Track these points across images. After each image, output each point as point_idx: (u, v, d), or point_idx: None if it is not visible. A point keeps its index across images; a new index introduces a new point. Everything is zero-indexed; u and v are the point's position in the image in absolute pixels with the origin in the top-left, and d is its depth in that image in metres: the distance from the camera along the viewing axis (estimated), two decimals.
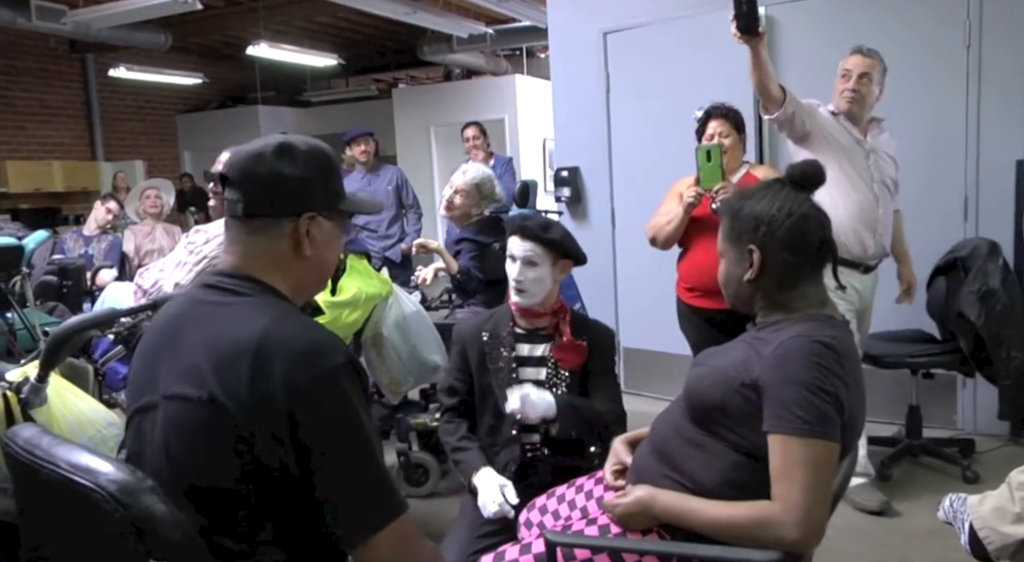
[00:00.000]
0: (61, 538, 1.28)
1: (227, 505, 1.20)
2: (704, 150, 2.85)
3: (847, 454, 1.52)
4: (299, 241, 1.31)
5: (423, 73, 11.45)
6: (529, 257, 2.14)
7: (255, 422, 1.16)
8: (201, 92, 11.11)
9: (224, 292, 1.29)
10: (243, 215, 1.30)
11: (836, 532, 2.83)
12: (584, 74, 4.78)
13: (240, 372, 1.17)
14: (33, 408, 1.76)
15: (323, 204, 1.34)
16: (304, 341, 1.21)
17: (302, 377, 1.17)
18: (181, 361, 1.24)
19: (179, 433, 1.21)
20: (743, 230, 1.56)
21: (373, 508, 1.22)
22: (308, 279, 1.37)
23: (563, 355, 2.18)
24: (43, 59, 9.46)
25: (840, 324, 1.54)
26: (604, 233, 4.81)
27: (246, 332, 1.20)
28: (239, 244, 1.32)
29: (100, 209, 5.33)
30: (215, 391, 1.17)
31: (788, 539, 1.36)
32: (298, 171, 1.30)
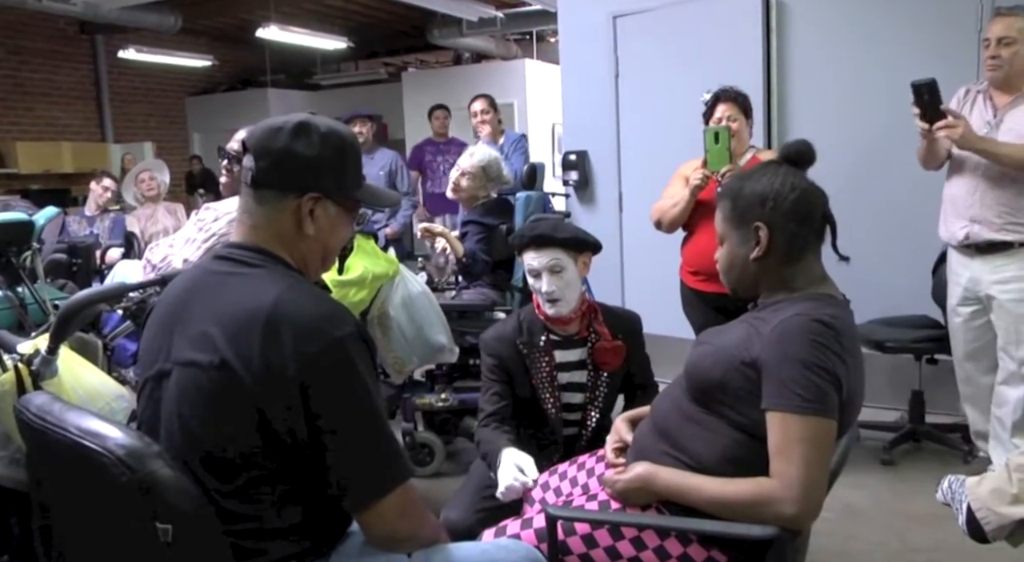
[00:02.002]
0: (71, 503, 1.31)
1: (237, 468, 1.23)
2: (712, 132, 2.86)
3: (845, 433, 1.54)
4: (301, 219, 1.33)
5: (433, 57, 11.41)
6: (553, 265, 2.10)
7: (266, 389, 1.20)
8: (211, 74, 11.10)
9: (235, 263, 1.32)
10: (251, 183, 1.34)
11: (837, 515, 2.85)
12: (593, 57, 4.77)
13: (252, 340, 1.20)
14: (44, 380, 1.78)
15: (331, 188, 1.36)
16: (315, 311, 1.25)
17: (312, 346, 1.20)
18: (193, 329, 1.27)
19: (191, 398, 1.24)
20: (747, 209, 1.57)
21: (379, 474, 1.26)
22: (310, 258, 1.39)
23: (604, 358, 2.15)
24: (53, 40, 9.45)
25: (840, 303, 1.55)
26: (611, 217, 4.81)
27: (258, 301, 1.23)
28: (248, 213, 1.36)
29: (96, 188, 5.37)
30: (228, 357, 1.20)
31: (786, 515, 1.38)
32: (310, 152, 1.33)
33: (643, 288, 4.69)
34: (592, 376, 2.16)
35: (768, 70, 4.11)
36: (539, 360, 2.15)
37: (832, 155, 4.00)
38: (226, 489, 1.23)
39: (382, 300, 2.96)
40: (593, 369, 2.16)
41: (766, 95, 4.08)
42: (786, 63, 4.10)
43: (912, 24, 3.74)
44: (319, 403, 1.21)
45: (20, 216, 2.26)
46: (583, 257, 2.17)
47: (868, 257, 3.82)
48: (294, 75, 11.52)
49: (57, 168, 9.12)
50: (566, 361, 2.18)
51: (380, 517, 1.26)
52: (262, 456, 1.22)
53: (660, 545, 1.55)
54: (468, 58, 10.72)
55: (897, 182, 3.83)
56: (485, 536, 1.72)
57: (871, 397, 3.84)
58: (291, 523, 1.27)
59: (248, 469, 1.23)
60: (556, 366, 2.16)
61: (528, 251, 2.14)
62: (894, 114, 3.79)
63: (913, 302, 3.53)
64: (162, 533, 1.11)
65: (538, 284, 2.12)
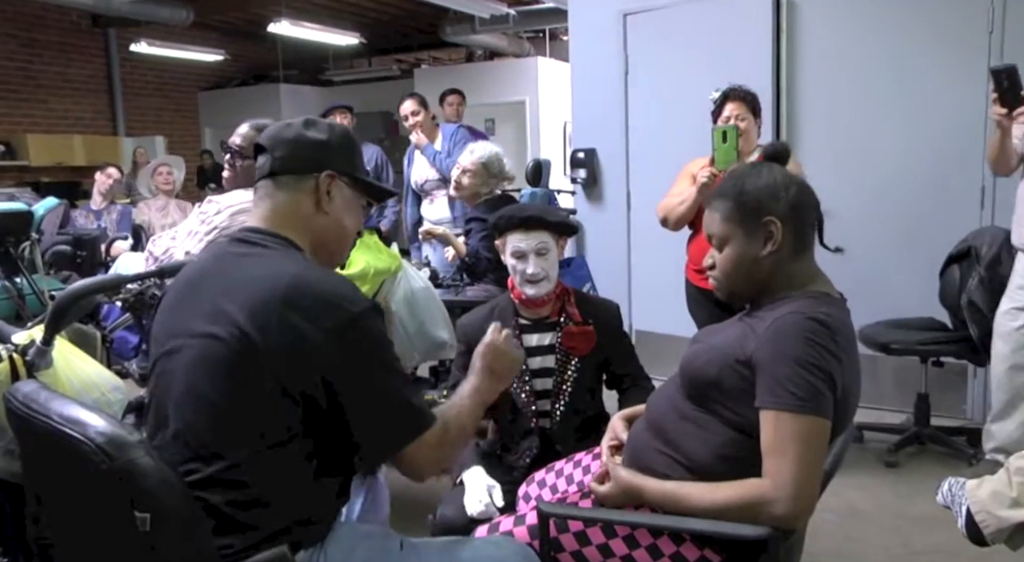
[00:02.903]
0: (57, 491, 1.31)
1: (246, 438, 1.25)
2: (720, 131, 2.84)
3: (842, 432, 1.52)
4: (319, 198, 1.43)
5: (446, 54, 11.41)
6: (540, 247, 2.12)
7: (287, 360, 1.23)
8: (223, 69, 11.14)
9: (251, 245, 1.38)
10: (270, 173, 1.43)
11: (839, 517, 2.84)
12: (603, 54, 4.75)
13: (271, 314, 1.24)
14: (39, 370, 1.78)
15: (343, 167, 1.46)
16: (332, 287, 1.31)
17: (332, 320, 1.26)
18: (209, 306, 1.30)
19: (207, 368, 1.26)
20: (757, 206, 1.54)
21: (406, 422, 1.33)
22: (328, 238, 1.46)
23: (572, 343, 2.15)
24: (65, 33, 9.50)
25: (836, 301, 1.54)
26: (619, 215, 4.79)
27: (276, 277, 1.28)
28: (267, 199, 1.44)
29: (101, 178, 5.41)
30: (247, 329, 1.24)
31: (777, 514, 1.36)
32: (321, 136, 1.46)
33: (650, 287, 4.68)
34: (561, 361, 2.15)
35: (777, 69, 4.09)
36: None
37: (840, 155, 4.01)
38: (238, 457, 1.24)
39: (384, 295, 2.95)
40: (562, 354, 2.15)
41: (775, 94, 4.05)
42: (796, 62, 4.07)
43: (923, 22, 3.70)
44: (341, 372, 1.26)
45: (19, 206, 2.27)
46: (562, 241, 2.20)
47: (874, 258, 3.81)
48: (306, 71, 11.54)
49: (68, 161, 9.17)
50: (536, 346, 2.17)
51: (415, 461, 1.34)
52: (274, 427, 1.25)
53: (653, 543, 1.53)
54: (481, 55, 10.72)
55: (906, 183, 3.80)
56: (479, 532, 1.70)
57: (876, 399, 3.88)
58: (290, 497, 1.28)
59: (258, 437, 1.25)
60: (525, 351, 2.15)
61: (515, 233, 2.15)
62: (905, 113, 3.78)
63: (919, 304, 3.50)
64: (140, 521, 1.12)
65: (522, 265, 2.12)
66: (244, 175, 2.69)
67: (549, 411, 2.16)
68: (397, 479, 3.38)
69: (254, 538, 1.24)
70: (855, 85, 3.93)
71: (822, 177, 3.84)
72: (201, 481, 1.24)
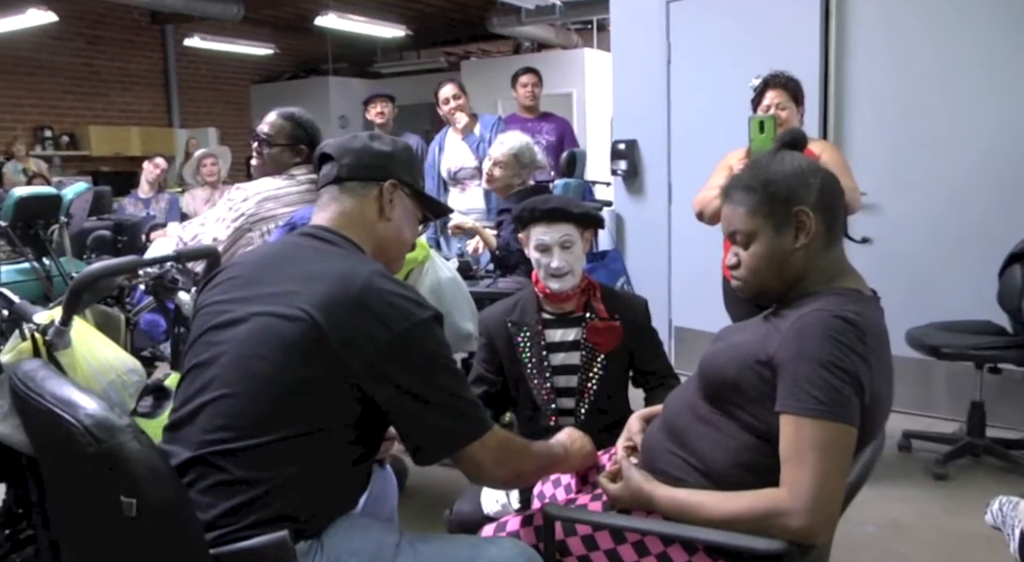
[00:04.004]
0: (52, 470, 1.33)
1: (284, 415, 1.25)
2: (757, 121, 2.74)
3: (870, 441, 1.42)
4: (383, 205, 1.51)
5: (495, 46, 11.38)
6: (564, 240, 2.06)
7: (352, 354, 1.26)
8: (275, 63, 11.30)
9: (322, 241, 1.44)
10: (336, 179, 1.51)
11: (880, 530, 2.72)
12: (645, 44, 4.66)
13: (342, 310, 1.27)
14: (57, 350, 1.79)
15: (405, 177, 1.54)
16: (402, 293, 1.35)
17: (400, 324, 1.29)
18: (277, 288, 1.34)
19: (266, 341, 1.28)
20: (783, 196, 1.44)
21: (464, 425, 1.36)
22: (388, 245, 1.53)
23: (598, 338, 2.09)
24: (126, 30, 9.79)
25: (867, 299, 1.44)
26: (660, 208, 4.69)
27: (350, 276, 1.32)
28: (333, 203, 1.51)
29: (148, 167, 5.51)
30: (317, 318, 1.26)
31: (793, 527, 1.27)
32: (386, 148, 1.55)
33: (691, 282, 4.57)
34: (586, 358, 2.08)
35: (825, 56, 3.95)
36: (528, 340, 2.10)
37: (890, 146, 3.84)
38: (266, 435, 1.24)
39: (411, 285, 2.92)
40: (587, 351, 2.08)
41: (823, 81, 3.91)
42: (844, 48, 3.92)
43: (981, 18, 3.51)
44: (407, 374, 1.29)
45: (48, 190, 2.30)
46: (588, 233, 2.14)
47: (924, 255, 3.66)
48: (355, 64, 11.63)
49: (125, 151, 9.46)
50: (559, 341, 2.11)
51: (477, 463, 1.38)
52: (319, 412, 1.27)
53: (664, 551, 1.46)
54: (528, 47, 10.65)
55: (961, 178, 3.62)
56: (485, 531, 1.67)
57: (926, 406, 3.71)
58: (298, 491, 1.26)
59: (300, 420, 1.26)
60: (547, 346, 2.09)
61: (538, 225, 2.09)
62: (959, 103, 3.60)
63: (974, 306, 3.33)
64: (126, 506, 1.10)
65: (546, 259, 2.07)
66: (272, 162, 2.69)
67: (572, 410, 2.09)
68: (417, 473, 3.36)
69: (258, 517, 1.22)
70: (908, 72, 3.77)
71: (870, 169, 3.75)
72: (225, 452, 1.24)
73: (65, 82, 9.24)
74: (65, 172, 8.56)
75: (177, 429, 1.31)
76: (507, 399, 2.20)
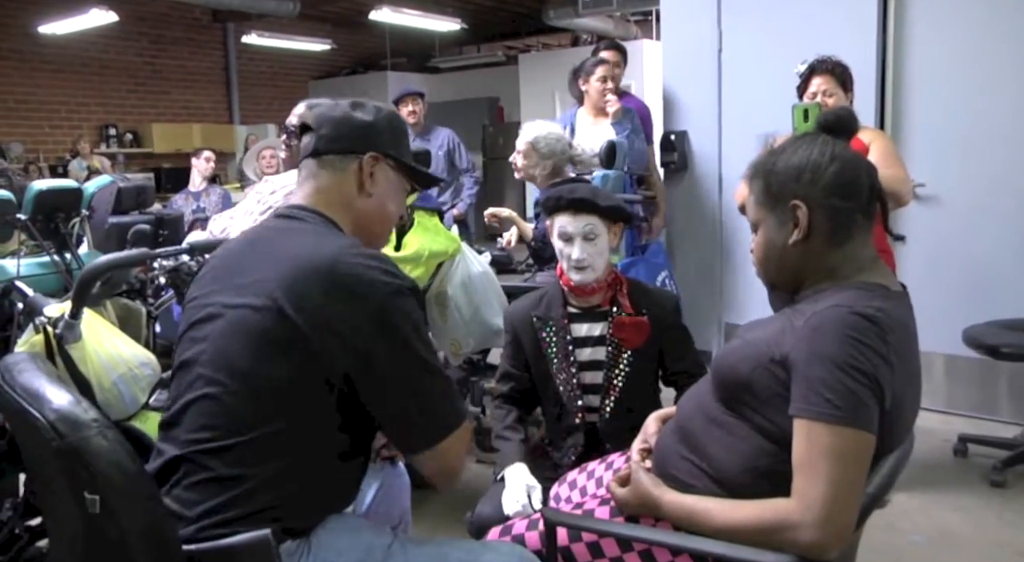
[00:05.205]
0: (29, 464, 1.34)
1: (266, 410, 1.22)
2: (801, 109, 2.63)
3: (894, 448, 1.30)
4: (363, 179, 1.41)
5: (555, 39, 11.29)
6: (588, 231, 2.00)
7: (322, 336, 1.21)
8: (333, 59, 11.44)
9: (294, 220, 1.38)
10: (314, 152, 1.42)
11: (928, 540, 2.57)
12: (696, 32, 4.50)
13: (311, 288, 1.22)
14: (68, 343, 1.80)
15: (388, 149, 1.44)
16: (373, 265, 1.27)
17: (368, 298, 1.23)
18: (248, 277, 1.29)
19: (241, 335, 1.24)
20: (782, 186, 1.36)
21: (440, 413, 1.30)
22: (369, 220, 1.44)
23: (624, 334, 2.01)
24: (188, 29, 10.04)
25: (894, 294, 1.32)
26: (710, 201, 4.54)
27: (317, 252, 1.27)
28: (311, 178, 1.42)
29: (199, 162, 5.58)
30: (283, 303, 1.22)
31: (803, 542, 1.17)
32: (368, 118, 1.44)
33: (742, 278, 4.42)
34: (612, 353, 2.01)
35: (884, 40, 3.75)
36: (554, 334, 2.04)
37: (952, 138, 3.63)
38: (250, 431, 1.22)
39: (441, 279, 2.88)
40: (613, 346, 2.01)
41: (880, 67, 3.71)
42: (904, 31, 3.72)
43: None
44: (376, 352, 1.23)
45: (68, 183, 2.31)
46: (616, 227, 2.06)
47: (985, 252, 3.45)
48: (414, 58, 11.68)
49: (187, 148, 9.66)
50: (584, 336, 2.04)
51: (444, 457, 1.30)
52: (300, 404, 1.23)
53: (671, 561, 1.37)
54: (586, 40, 10.52)
55: None
56: (491, 534, 1.62)
57: (985, 408, 3.51)
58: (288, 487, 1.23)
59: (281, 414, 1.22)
60: (573, 341, 2.03)
61: (563, 215, 2.02)
62: None
63: None
64: (90, 503, 1.08)
65: (568, 249, 2.01)
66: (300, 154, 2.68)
67: (598, 407, 2.02)
68: None
69: (242, 512, 1.20)
70: (974, 59, 3.55)
71: (928, 160, 3.56)
72: (209, 451, 1.22)
73: (129, 81, 9.54)
74: (128, 169, 8.83)
75: (168, 428, 1.30)
76: (536, 396, 2.15)
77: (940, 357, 3.51)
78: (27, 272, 2.04)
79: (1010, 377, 3.22)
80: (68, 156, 8.26)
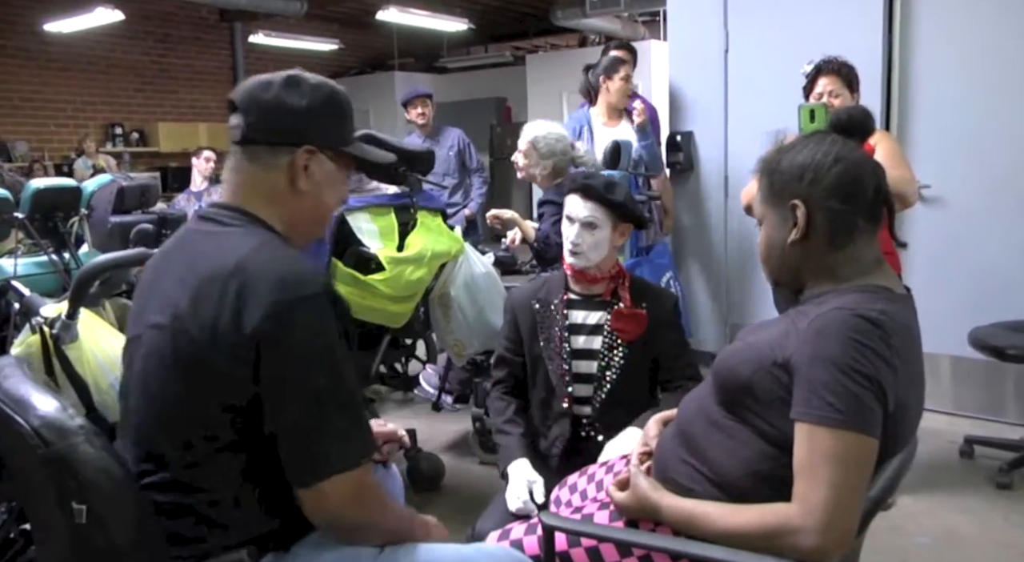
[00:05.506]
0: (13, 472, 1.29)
1: (195, 437, 1.16)
2: (807, 109, 2.61)
3: (896, 452, 1.28)
4: (295, 175, 1.27)
5: (562, 40, 11.26)
6: (590, 220, 2.01)
7: (222, 352, 1.12)
8: (341, 59, 11.42)
9: (214, 223, 1.26)
10: (242, 140, 1.27)
11: (935, 541, 2.56)
12: (702, 31, 4.48)
13: (211, 300, 1.14)
14: (65, 344, 1.78)
15: (325, 141, 1.30)
16: (280, 270, 1.16)
17: (272, 304, 1.12)
18: (163, 291, 1.22)
19: (155, 361, 1.19)
20: (784, 185, 1.35)
21: (331, 449, 1.14)
22: (303, 217, 1.32)
23: (622, 325, 2.02)
24: (196, 28, 10.03)
25: (898, 297, 1.31)
26: (716, 202, 4.52)
27: (223, 260, 1.17)
28: (238, 172, 1.29)
29: (199, 162, 5.58)
30: (185, 319, 1.15)
31: (803, 547, 1.16)
32: (303, 103, 1.27)
33: (747, 279, 4.40)
34: (607, 344, 2.02)
35: (889, 41, 3.73)
36: (550, 319, 2.05)
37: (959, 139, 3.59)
38: (187, 459, 1.16)
39: (444, 280, 2.86)
40: (609, 336, 2.02)
41: (886, 68, 3.69)
42: (911, 33, 3.70)
43: None
44: (273, 363, 1.12)
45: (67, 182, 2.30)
46: (623, 227, 2.07)
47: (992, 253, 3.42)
48: (421, 59, 11.66)
49: (193, 147, 9.61)
50: (581, 323, 2.06)
51: (322, 499, 1.15)
52: (221, 424, 1.15)
53: None
54: (594, 40, 10.49)
55: None
56: (490, 538, 1.61)
57: (991, 410, 3.47)
58: (255, 499, 1.19)
59: (207, 439, 1.16)
60: (568, 327, 2.04)
61: (574, 195, 2.06)
62: None
63: None
64: (76, 513, 1.05)
65: (568, 231, 2.04)
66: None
67: (589, 398, 2.03)
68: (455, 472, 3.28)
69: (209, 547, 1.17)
70: (979, 62, 3.53)
71: (935, 161, 3.52)
72: (156, 484, 1.17)
73: (135, 80, 9.53)
74: (135, 168, 8.82)
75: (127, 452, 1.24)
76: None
77: (946, 358, 3.49)
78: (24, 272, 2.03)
79: (1016, 378, 3.20)
80: (74, 155, 8.26)
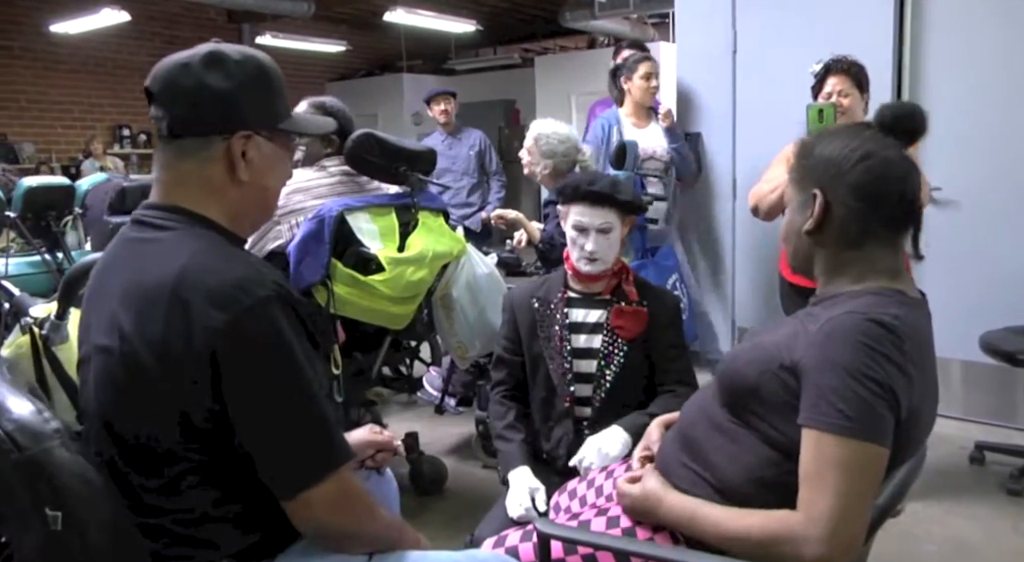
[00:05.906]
0: None
1: (160, 461, 1.11)
2: (816, 108, 2.58)
3: (906, 460, 1.24)
4: (233, 164, 1.17)
5: (571, 42, 11.23)
6: (604, 225, 1.98)
7: (175, 372, 1.07)
8: (349, 60, 11.42)
9: (148, 227, 1.17)
10: (168, 135, 1.17)
11: (942, 549, 2.51)
12: (710, 32, 4.43)
13: (156, 319, 1.08)
14: (55, 345, 1.76)
15: (260, 122, 1.19)
16: (225, 276, 1.09)
17: (221, 316, 1.06)
18: (106, 308, 1.15)
19: (106, 386, 1.13)
20: (811, 171, 1.31)
21: (306, 458, 1.11)
22: (248, 207, 1.23)
23: (622, 322, 1.99)
24: (203, 30, 9.98)
25: (912, 301, 1.26)
26: (724, 204, 4.47)
27: (161, 274, 1.10)
28: (168, 169, 1.19)
29: None
30: (133, 342, 1.08)
31: (807, 556, 1.12)
32: (230, 84, 1.16)
33: (755, 282, 4.34)
34: (607, 342, 1.98)
35: (900, 42, 3.67)
36: (550, 317, 2.02)
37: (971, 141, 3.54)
38: (152, 484, 1.11)
39: (446, 281, 2.82)
40: (609, 335, 1.98)
41: (896, 69, 3.64)
42: (921, 34, 3.64)
43: None
44: (232, 379, 1.07)
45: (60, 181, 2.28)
46: (629, 219, 2.05)
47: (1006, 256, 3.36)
48: (430, 61, 11.64)
49: None
50: (581, 321, 2.02)
51: (309, 510, 1.11)
52: (184, 448, 1.10)
53: None
54: (603, 42, 10.46)
55: None
56: (485, 545, 1.57)
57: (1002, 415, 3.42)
58: (234, 514, 1.15)
59: (173, 462, 1.11)
60: (569, 326, 2.00)
61: (580, 205, 2.00)
62: None
63: None
64: (52, 520, 1.01)
65: (582, 240, 1.99)
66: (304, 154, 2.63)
67: (589, 397, 1.99)
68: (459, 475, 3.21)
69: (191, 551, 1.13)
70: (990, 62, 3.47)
71: (946, 163, 3.46)
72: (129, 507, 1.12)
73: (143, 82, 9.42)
74: (143, 170, 8.81)
75: None
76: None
77: (957, 363, 3.44)
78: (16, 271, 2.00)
79: None
80: (81, 157, 8.27)
